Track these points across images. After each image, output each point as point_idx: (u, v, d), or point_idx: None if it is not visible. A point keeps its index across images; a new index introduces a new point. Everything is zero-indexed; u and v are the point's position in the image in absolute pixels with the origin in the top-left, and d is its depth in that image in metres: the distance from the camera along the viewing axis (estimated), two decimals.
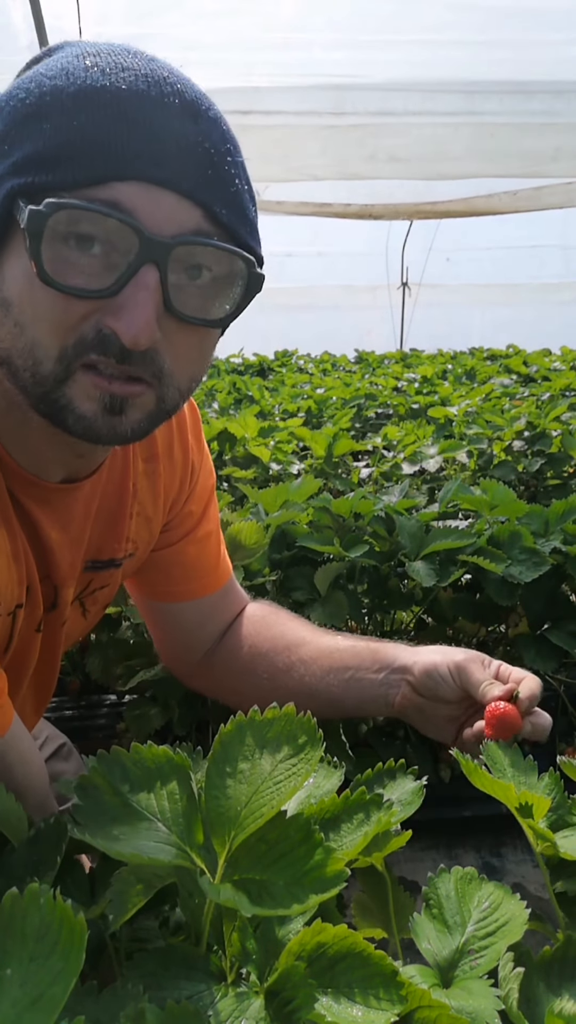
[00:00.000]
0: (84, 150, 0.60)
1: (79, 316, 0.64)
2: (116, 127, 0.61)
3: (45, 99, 0.62)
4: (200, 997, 0.44)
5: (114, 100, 0.61)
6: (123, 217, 0.60)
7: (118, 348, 0.64)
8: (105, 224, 0.61)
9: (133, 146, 0.61)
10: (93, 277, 0.63)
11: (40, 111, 0.62)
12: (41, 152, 0.61)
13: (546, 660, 1.31)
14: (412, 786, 0.63)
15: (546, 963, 0.49)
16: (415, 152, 4.51)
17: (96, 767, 0.51)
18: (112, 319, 0.63)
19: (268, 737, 0.51)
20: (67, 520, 0.85)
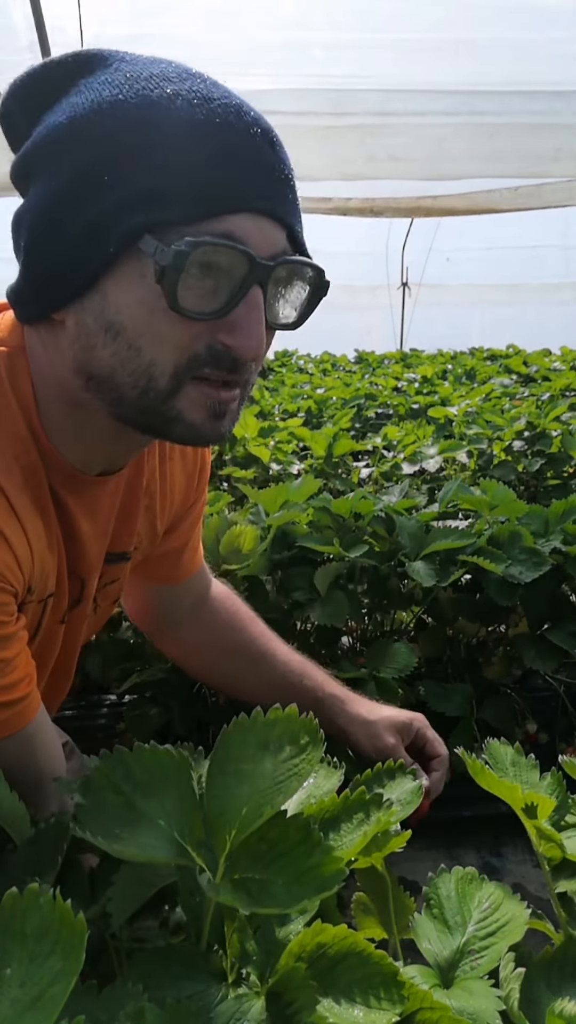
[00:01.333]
0: (202, 189, 0.67)
1: (194, 335, 0.71)
2: (225, 165, 0.68)
3: (140, 133, 0.67)
4: (200, 997, 0.44)
5: (214, 135, 0.68)
6: (241, 247, 0.68)
7: (231, 361, 0.72)
8: (226, 254, 0.68)
9: (239, 181, 0.69)
10: (206, 300, 0.70)
11: (140, 145, 0.67)
12: (158, 189, 0.67)
13: (546, 660, 1.31)
14: (411, 786, 0.63)
15: (547, 963, 0.49)
16: (415, 152, 4.51)
17: (100, 767, 0.51)
18: (226, 336, 0.71)
19: (270, 738, 0.51)
20: (96, 511, 0.89)
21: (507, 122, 4.18)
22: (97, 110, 0.69)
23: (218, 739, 0.52)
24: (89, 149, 0.68)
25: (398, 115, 4.10)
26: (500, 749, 0.67)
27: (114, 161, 0.67)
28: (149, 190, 0.67)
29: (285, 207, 0.72)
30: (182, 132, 0.67)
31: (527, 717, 1.38)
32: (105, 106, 0.68)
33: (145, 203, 0.67)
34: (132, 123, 0.67)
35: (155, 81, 0.68)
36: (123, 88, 0.69)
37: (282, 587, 1.41)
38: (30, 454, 0.79)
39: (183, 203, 0.67)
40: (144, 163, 0.67)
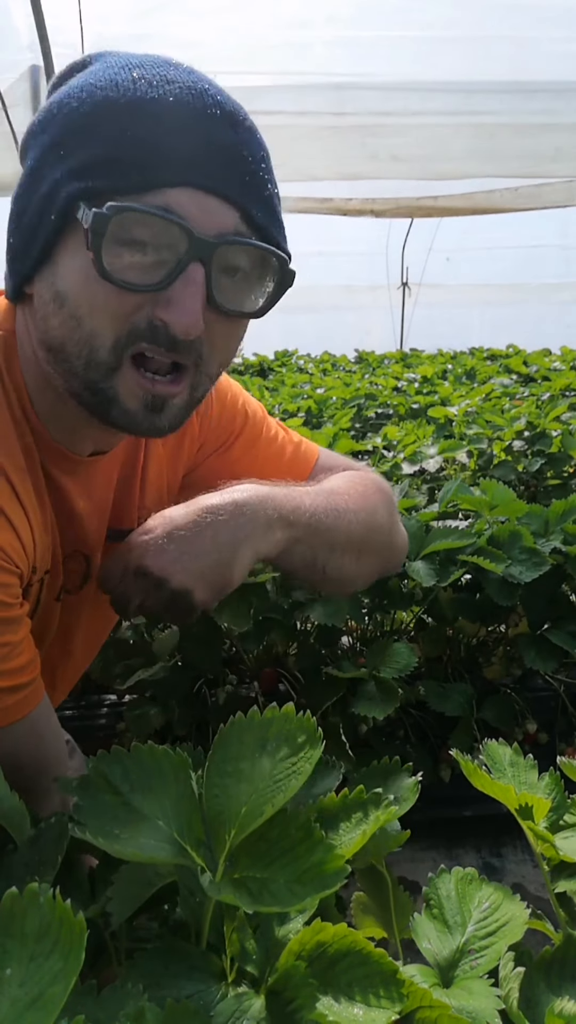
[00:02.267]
0: (139, 158, 0.67)
1: (132, 308, 0.70)
2: (167, 137, 0.68)
3: (98, 109, 0.68)
4: (200, 996, 0.44)
5: (164, 111, 0.68)
6: (176, 219, 0.67)
7: (167, 338, 0.71)
8: (160, 226, 0.68)
9: (182, 155, 0.68)
10: (145, 273, 0.69)
11: (94, 120, 0.68)
12: (98, 159, 0.68)
13: (546, 660, 1.31)
14: (408, 782, 0.63)
15: (546, 963, 0.49)
16: (415, 152, 4.51)
17: (96, 767, 0.51)
18: (163, 311, 0.70)
19: (268, 736, 0.51)
20: (91, 488, 0.90)
21: (507, 122, 4.18)
22: (69, 93, 0.71)
23: (216, 738, 0.52)
24: (55, 127, 0.71)
25: (398, 115, 4.10)
26: (498, 749, 0.67)
27: (69, 136, 0.69)
28: (90, 160, 0.68)
29: (237, 187, 0.71)
30: (131, 108, 0.67)
31: (527, 717, 1.38)
32: (75, 90, 0.70)
33: (83, 173, 0.68)
34: (92, 102, 0.69)
35: (127, 69, 0.70)
36: (97, 75, 0.70)
37: (282, 587, 1.41)
38: (25, 436, 0.80)
39: (119, 173, 0.67)
40: (91, 136, 0.68)
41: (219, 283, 0.72)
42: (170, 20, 3.63)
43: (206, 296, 0.71)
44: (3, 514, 0.74)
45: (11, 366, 0.80)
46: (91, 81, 0.70)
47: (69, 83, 0.73)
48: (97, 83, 0.70)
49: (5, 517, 0.75)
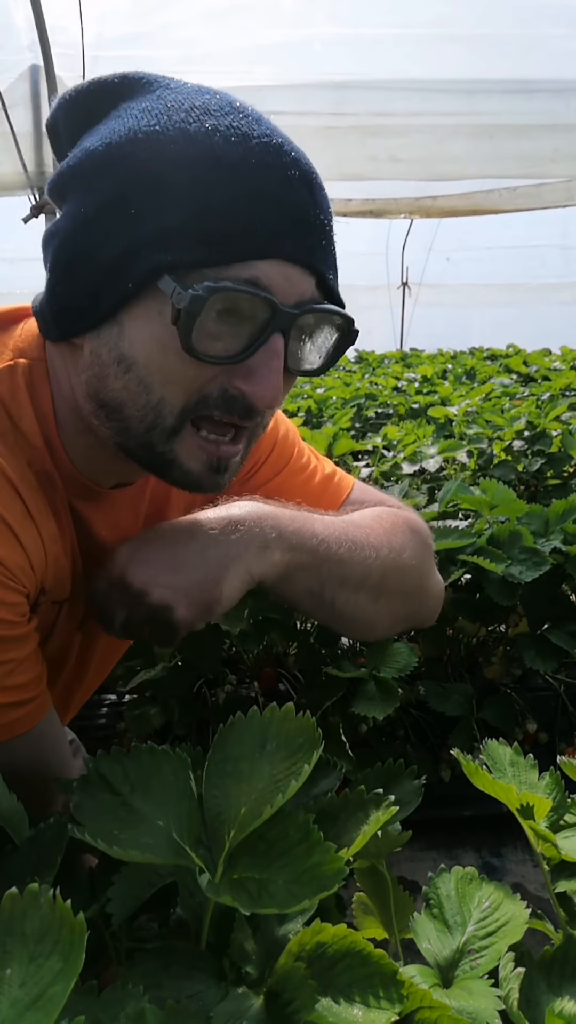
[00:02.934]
0: (228, 229, 0.65)
1: (208, 379, 0.69)
2: (256, 208, 0.65)
3: (176, 168, 0.65)
4: (200, 997, 0.44)
5: (249, 176, 0.65)
6: (265, 295, 0.66)
7: (244, 407, 0.71)
8: (248, 301, 0.67)
9: (271, 226, 0.66)
10: (226, 344, 0.68)
11: (172, 180, 0.65)
12: (184, 228, 0.65)
13: (546, 660, 1.31)
14: (411, 785, 0.63)
15: (546, 963, 0.49)
16: (415, 153, 4.51)
17: (96, 767, 0.51)
18: (242, 382, 0.69)
19: (267, 736, 0.51)
20: (116, 519, 0.88)
21: (507, 122, 4.19)
22: (132, 139, 0.67)
23: (215, 738, 0.52)
24: (119, 179, 0.67)
25: (398, 115, 4.11)
26: (499, 749, 0.67)
27: (142, 194, 0.66)
28: (173, 228, 0.65)
29: (317, 254, 0.70)
30: (214, 170, 0.64)
31: (527, 717, 1.38)
32: (140, 135, 0.67)
33: (168, 242, 0.65)
34: (165, 156, 0.65)
35: (195, 114, 0.66)
36: (161, 118, 0.67)
37: None
38: (44, 462, 0.78)
39: (207, 245, 0.65)
40: (171, 199, 0.65)
41: (294, 349, 0.72)
42: (170, 20, 3.63)
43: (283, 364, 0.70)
44: (11, 532, 0.73)
45: (37, 395, 0.77)
46: (156, 128, 0.66)
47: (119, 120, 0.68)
48: (164, 131, 0.66)
49: (13, 535, 0.73)
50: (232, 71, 3.70)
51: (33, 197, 4.30)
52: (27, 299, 0.83)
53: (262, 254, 0.66)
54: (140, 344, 0.69)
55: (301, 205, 0.68)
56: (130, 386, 0.70)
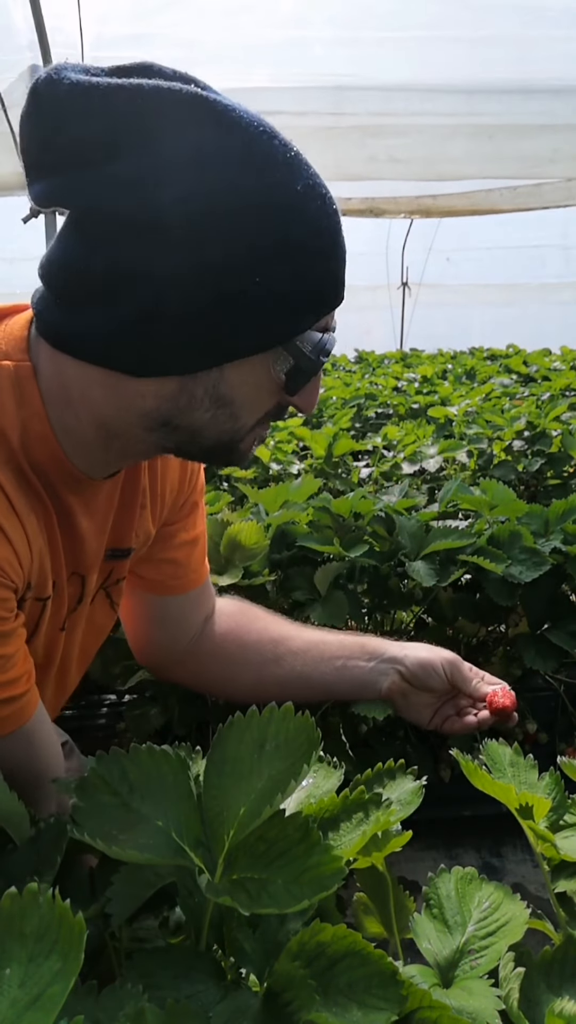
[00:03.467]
0: (332, 290, 0.75)
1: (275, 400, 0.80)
2: (342, 264, 0.75)
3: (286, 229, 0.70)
4: (200, 997, 0.44)
5: (336, 234, 0.74)
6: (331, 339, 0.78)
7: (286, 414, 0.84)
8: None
9: (343, 279, 0.76)
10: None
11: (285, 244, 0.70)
12: (302, 295, 0.73)
13: (546, 660, 1.31)
14: (411, 786, 0.63)
15: (546, 963, 0.49)
16: (415, 153, 4.52)
17: (95, 768, 0.51)
18: (299, 400, 0.80)
19: (267, 736, 0.51)
20: (94, 508, 0.90)
21: (506, 123, 4.19)
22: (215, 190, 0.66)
23: (214, 739, 0.52)
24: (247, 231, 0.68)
25: (398, 115, 4.11)
26: (499, 749, 0.67)
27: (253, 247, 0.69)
28: (295, 297, 0.72)
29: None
30: (322, 237, 0.72)
31: (527, 717, 1.38)
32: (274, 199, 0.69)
33: (309, 305, 0.73)
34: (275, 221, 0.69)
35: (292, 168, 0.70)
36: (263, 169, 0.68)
37: (282, 587, 1.41)
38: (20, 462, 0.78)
39: (323, 310, 0.75)
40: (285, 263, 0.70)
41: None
42: (170, 20, 3.63)
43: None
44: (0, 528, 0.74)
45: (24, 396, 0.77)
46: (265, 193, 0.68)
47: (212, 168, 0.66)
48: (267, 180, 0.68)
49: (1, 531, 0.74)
50: (232, 72, 3.71)
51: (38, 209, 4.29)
52: (26, 299, 0.83)
53: (337, 305, 0.77)
54: (242, 388, 0.76)
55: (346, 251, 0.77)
56: (219, 416, 0.77)
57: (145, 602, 1.13)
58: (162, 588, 1.11)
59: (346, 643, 1.11)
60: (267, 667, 1.11)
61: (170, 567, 1.09)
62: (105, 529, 0.94)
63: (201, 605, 1.14)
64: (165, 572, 1.09)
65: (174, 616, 1.13)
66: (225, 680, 1.15)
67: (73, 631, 0.98)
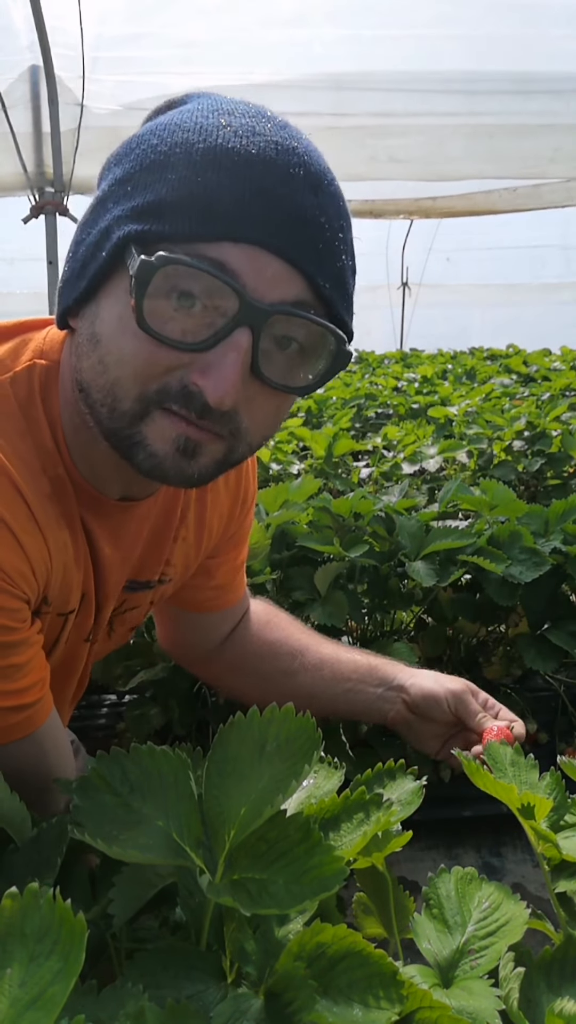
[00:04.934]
0: (203, 206, 0.62)
1: (165, 367, 0.65)
2: (236, 188, 0.62)
3: (175, 150, 0.63)
4: (200, 997, 0.44)
5: (242, 162, 0.62)
6: (228, 280, 0.61)
7: (201, 404, 0.65)
8: (208, 283, 0.62)
9: (251, 210, 0.62)
10: (188, 332, 0.64)
11: (167, 160, 0.63)
12: (161, 202, 0.62)
13: (546, 660, 1.31)
14: (412, 786, 0.63)
15: (546, 963, 0.49)
16: (415, 153, 4.51)
17: (95, 768, 0.51)
18: (199, 376, 0.64)
19: (267, 737, 0.51)
20: (120, 537, 0.86)
21: (506, 123, 4.19)
22: (153, 129, 0.67)
23: (215, 739, 0.52)
24: (129, 161, 0.67)
25: (398, 115, 4.11)
26: (500, 749, 0.67)
27: (140, 172, 0.65)
28: (152, 203, 0.63)
29: (307, 254, 0.64)
30: (207, 154, 0.62)
31: (527, 717, 1.38)
32: (160, 127, 0.66)
33: (144, 215, 0.63)
34: (171, 142, 0.64)
35: (217, 114, 0.65)
36: (186, 115, 0.66)
37: (282, 587, 1.41)
38: (56, 467, 0.76)
39: (178, 219, 0.62)
40: (159, 177, 0.63)
41: (268, 354, 0.66)
42: (170, 20, 3.63)
43: (250, 365, 0.65)
44: (13, 537, 0.71)
45: (49, 398, 0.76)
46: (177, 120, 0.65)
47: (158, 119, 0.68)
48: (183, 124, 0.65)
49: (15, 540, 0.71)
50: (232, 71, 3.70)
51: (33, 198, 4.29)
52: (27, 299, 0.83)
53: (234, 236, 0.62)
54: (107, 321, 0.67)
55: (297, 201, 0.64)
56: (95, 366, 0.68)
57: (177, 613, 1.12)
58: (198, 607, 1.10)
59: (359, 665, 1.09)
60: (281, 680, 1.10)
61: (212, 591, 1.08)
62: (131, 559, 0.90)
63: (233, 617, 1.14)
64: (206, 595, 1.08)
65: (206, 626, 1.13)
66: (240, 687, 1.16)
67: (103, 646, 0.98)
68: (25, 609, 0.75)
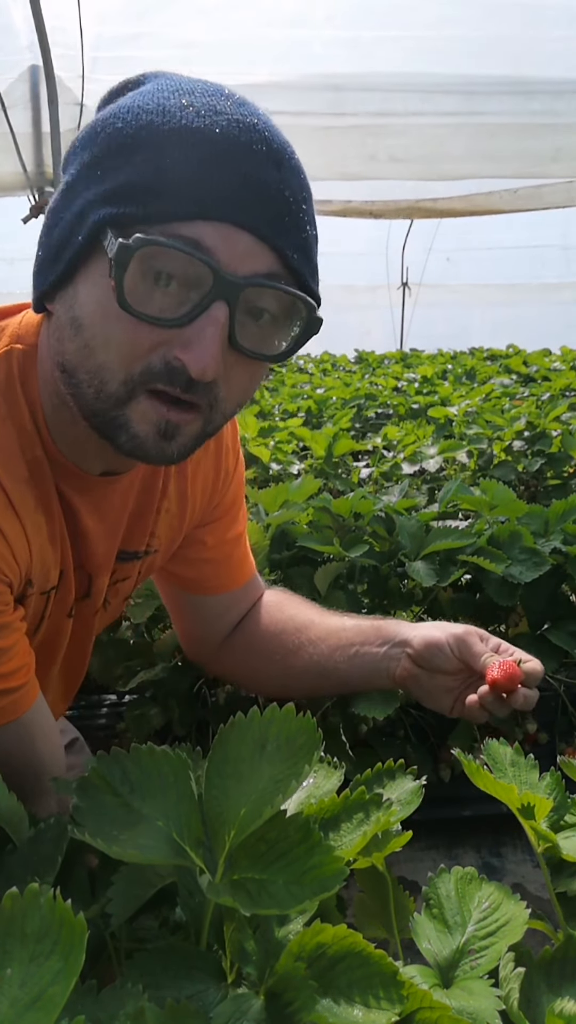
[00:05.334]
0: (174, 188, 0.64)
1: (147, 347, 0.68)
2: (205, 169, 0.65)
3: (141, 132, 0.66)
4: (200, 997, 0.44)
5: (206, 142, 0.65)
6: (202, 257, 0.64)
7: (184, 378, 0.68)
8: (184, 261, 0.65)
9: (219, 189, 0.65)
10: (166, 309, 0.67)
11: (135, 143, 0.66)
12: (132, 184, 0.65)
13: (546, 660, 1.31)
14: (411, 786, 0.63)
15: (546, 963, 0.49)
16: (415, 153, 4.51)
17: (95, 768, 0.51)
18: (181, 351, 0.67)
19: (268, 737, 0.51)
20: (105, 510, 0.89)
21: (507, 122, 4.18)
22: (116, 112, 0.68)
23: (215, 739, 0.52)
24: (96, 145, 0.68)
25: (398, 115, 4.10)
26: (499, 749, 0.67)
27: (107, 156, 0.67)
28: (124, 185, 0.65)
29: (273, 227, 0.68)
30: (173, 136, 0.65)
31: (527, 717, 1.38)
32: (123, 110, 0.68)
33: (116, 198, 0.65)
34: (136, 124, 0.66)
35: (178, 94, 0.67)
36: (147, 96, 0.68)
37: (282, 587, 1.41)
38: (35, 449, 0.79)
39: (150, 201, 0.64)
40: (128, 160, 0.65)
41: (243, 324, 0.70)
42: (170, 20, 3.63)
43: (227, 337, 0.68)
44: None
45: (27, 380, 0.79)
46: (139, 103, 0.67)
47: (119, 102, 0.70)
48: (145, 106, 0.67)
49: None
50: (231, 71, 3.70)
51: (32, 197, 4.29)
52: (26, 299, 0.84)
53: (205, 215, 0.65)
54: (87, 304, 0.69)
55: (260, 176, 0.67)
56: (80, 350, 0.70)
57: (184, 600, 1.14)
58: (200, 588, 1.11)
59: (363, 628, 1.06)
60: (287, 659, 1.08)
61: (209, 567, 1.08)
62: (118, 531, 0.93)
63: (240, 603, 1.14)
64: (204, 572, 1.09)
65: (211, 614, 1.13)
66: (250, 673, 1.15)
67: (84, 621, 0.98)
68: (7, 593, 0.78)
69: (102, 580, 0.95)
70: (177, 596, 1.15)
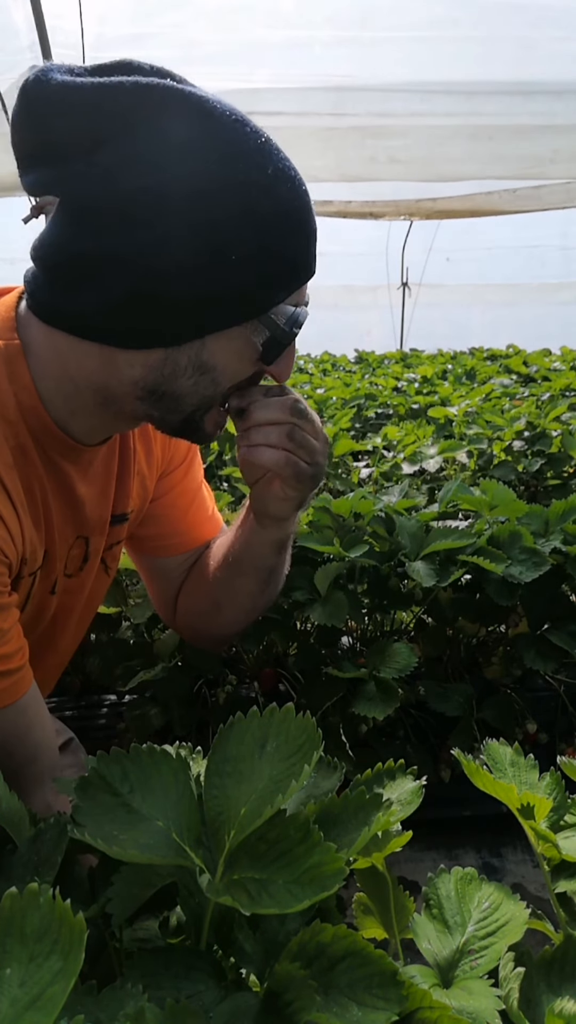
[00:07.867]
0: (304, 266, 0.81)
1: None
2: (313, 240, 0.81)
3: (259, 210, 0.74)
4: (200, 997, 0.44)
5: (305, 212, 0.79)
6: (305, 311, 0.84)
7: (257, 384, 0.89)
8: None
9: (313, 256, 0.82)
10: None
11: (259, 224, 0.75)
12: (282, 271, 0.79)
13: (546, 660, 1.31)
14: (411, 786, 0.63)
15: (546, 963, 0.49)
16: (415, 154, 4.51)
17: (95, 767, 0.51)
18: (275, 368, 0.85)
19: (267, 737, 0.51)
20: (92, 475, 0.96)
21: (506, 123, 4.18)
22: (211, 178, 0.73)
23: (215, 739, 0.52)
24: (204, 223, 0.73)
25: (398, 116, 4.10)
26: (499, 749, 0.67)
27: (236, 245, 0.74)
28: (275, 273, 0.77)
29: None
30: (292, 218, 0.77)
31: (527, 717, 1.38)
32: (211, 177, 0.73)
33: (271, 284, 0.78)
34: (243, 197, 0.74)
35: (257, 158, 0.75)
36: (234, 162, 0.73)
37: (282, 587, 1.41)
38: (19, 436, 0.84)
39: (292, 283, 0.80)
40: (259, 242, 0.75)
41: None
42: (170, 20, 3.63)
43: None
44: None
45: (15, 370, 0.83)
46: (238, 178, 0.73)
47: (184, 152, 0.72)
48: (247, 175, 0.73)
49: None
50: (232, 72, 3.70)
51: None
52: None
53: (308, 279, 0.82)
54: (223, 356, 0.81)
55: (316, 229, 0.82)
56: (201, 383, 0.82)
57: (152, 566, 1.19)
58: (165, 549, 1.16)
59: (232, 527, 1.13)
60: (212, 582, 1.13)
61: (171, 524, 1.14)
62: (108, 495, 1.00)
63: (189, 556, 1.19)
64: (166, 530, 1.14)
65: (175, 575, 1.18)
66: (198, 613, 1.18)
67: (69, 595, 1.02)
68: (6, 574, 0.82)
69: (98, 542, 1.01)
70: (146, 562, 1.21)
